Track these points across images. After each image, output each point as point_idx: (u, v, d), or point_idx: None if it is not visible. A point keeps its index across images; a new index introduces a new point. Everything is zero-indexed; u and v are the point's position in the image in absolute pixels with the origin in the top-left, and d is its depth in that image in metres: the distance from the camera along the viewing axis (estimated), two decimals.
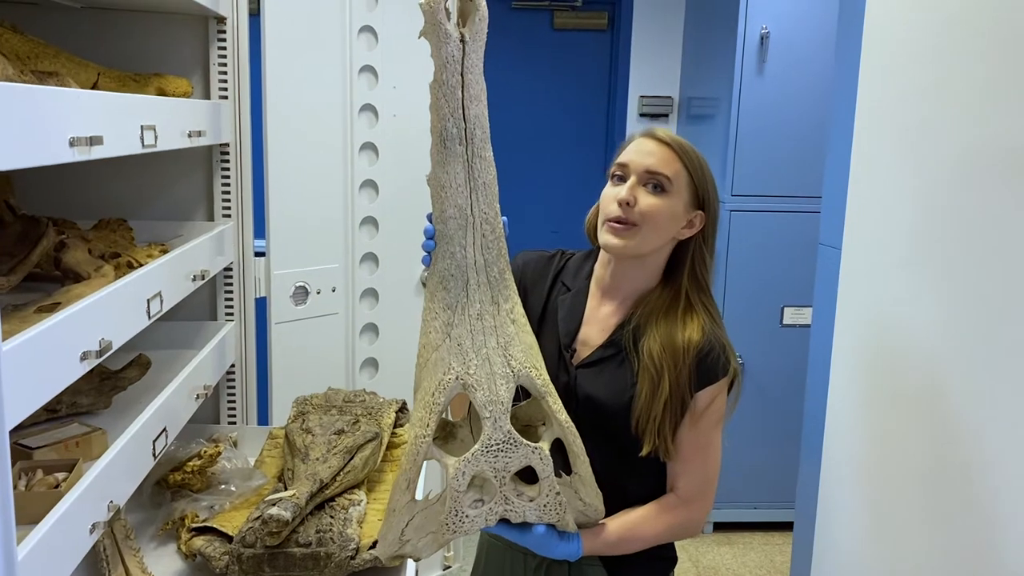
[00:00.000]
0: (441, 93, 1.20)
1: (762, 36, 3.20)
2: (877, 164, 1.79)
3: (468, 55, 1.19)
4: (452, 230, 1.25)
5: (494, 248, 1.28)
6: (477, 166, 1.24)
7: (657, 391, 1.39)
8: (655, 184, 1.41)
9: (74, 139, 1.09)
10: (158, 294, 1.46)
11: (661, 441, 1.39)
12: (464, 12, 1.19)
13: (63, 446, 1.42)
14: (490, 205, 1.27)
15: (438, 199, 1.25)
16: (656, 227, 1.42)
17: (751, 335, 3.41)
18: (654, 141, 1.44)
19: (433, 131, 1.23)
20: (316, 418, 1.81)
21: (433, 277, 1.29)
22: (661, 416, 1.39)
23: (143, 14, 1.89)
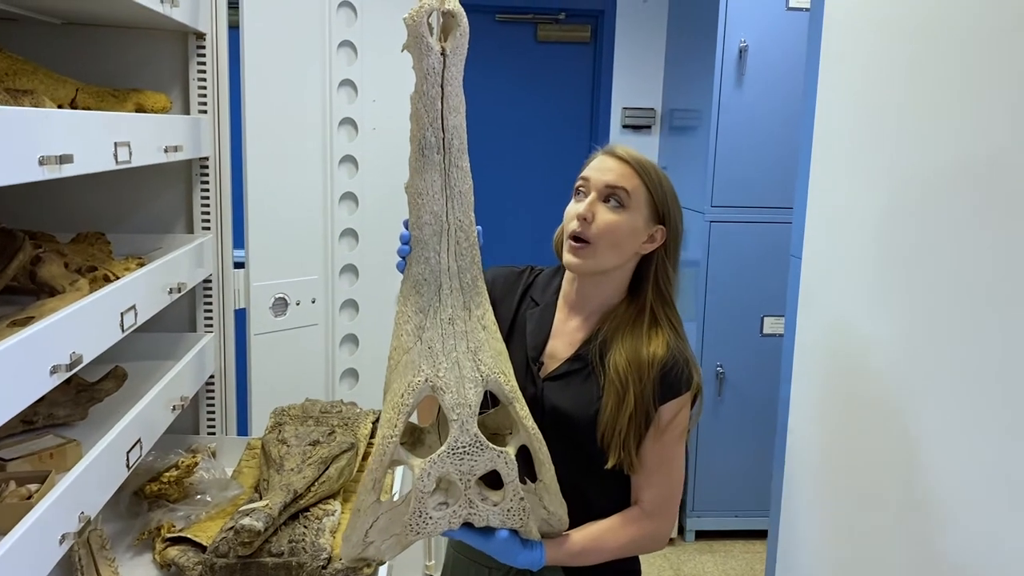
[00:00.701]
0: (421, 104, 1.24)
1: (741, 49, 3.24)
2: (834, 178, 1.83)
3: (448, 68, 1.23)
4: (427, 236, 1.29)
5: (468, 255, 1.32)
6: (454, 175, 1.28)
7: (622, 404, 1.42)
8: (615, 199, 1.45)
9: (44, 158, 1.11)
10: (132, 307, 1.48)
11: (626, 454, 1.42)
12: (446, 27, 1.24)
13: (37, 458, 1.44)
14: (465, 213, 1.31)
15: (415, 205, 1.29)
16: (614, 243, 1.45)
17: (731, 345, 3.44)
18: (613, 158, 1.47)
19: (412, 140, 1.26)
20: (292, 429, 1.83)
21: (407, 281, 1.32)
22: (626, 429, 1.41)
23: (123, 30, 1.92)
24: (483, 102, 4.12)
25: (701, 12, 3.48)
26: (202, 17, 1.92)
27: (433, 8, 1.20)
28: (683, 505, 3.60)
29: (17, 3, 1.65)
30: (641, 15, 4.09)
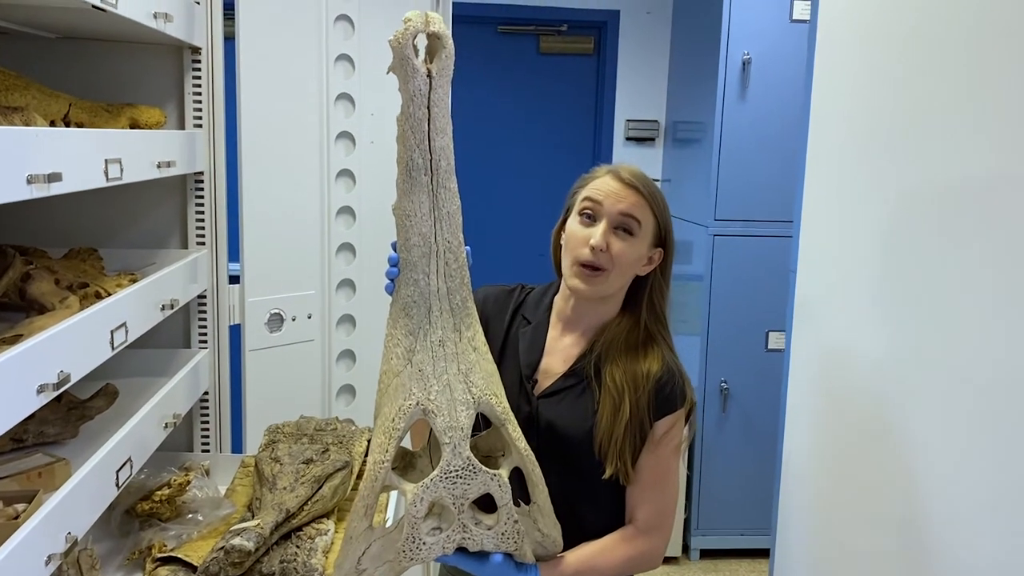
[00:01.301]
0: (408, 125, 1.23)
1: (744, 61, 3.22)
2: (827, 192, 1.83)
3: (435, 89, 1.23)
4: (416, 258, 1.28)
5: (457, 276, 1.31)
6: (442, 196, 1.27)
7: (618, 414, 1.42)
8: (625, 228, 1.45)
9: (32, 176, 1.10)
10: (123, 324, 1.47)
11: (622, 464, 1.42)
12: (432, 48, 1.24)
13: (25, 477, 1.42)
14: (453, 234, 1.30)
15: (403, 227, 1.28)
16: (623, 270, 1.47)
17: (736, 360, 3.41)
18: (622, 184, 1.46)
19: (399, 162, 1.26)
20: (285, 447, 1.81)
21: (396, 304, 1.31)
22: (622, 438, 1.41)
23: (118, 44, 1.91)
24: (485, 114, 4.12)
25: (704, 24, 3.47)
26: (197, 31, 1.91)
27: (418, 30, 1.20)
28: (687, 523, 3.56)
29: (11, 17, 1.64)
30: (644, 27, 4.08)
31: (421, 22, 1.19)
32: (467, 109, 4.05)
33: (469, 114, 4.06)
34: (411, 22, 1.19)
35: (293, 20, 2.14)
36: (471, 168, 4.08)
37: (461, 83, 4.65)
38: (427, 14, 1.20)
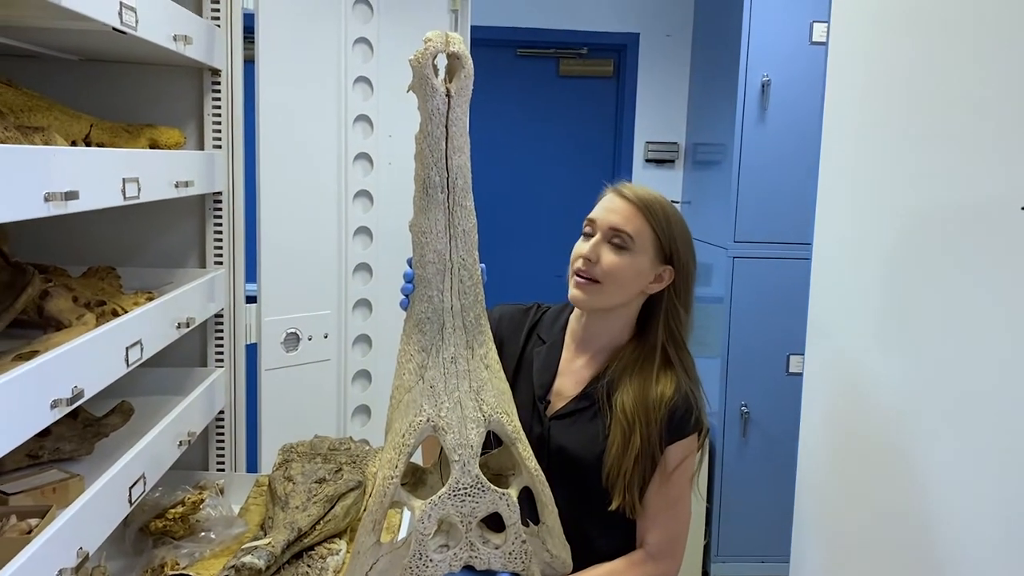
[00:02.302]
0: (426, 144, 1.24)
1: (763, 84, 3.22)
2: (840, 213, 1.82)
3: (453, 109, 1.24)
4: (431, 275, 1.29)
5: (471, 294, 1.32)
6: (458, 214, 1.28)
7: (628, 446, 1.41)
8: (618, 241, 1.45)
9: (49, 195, 1.12)
10: (138, 342, 1.48)
11: (630, 497, 1.41)
12: (451, 69, 1.25)
13: (40, 492, 1.43)
14: (469, 252, 1.31)
15: (419, 244, 1.29)
16: (618, 283, 1.46)
17: (756, 383, 3.38)
18: (620, 198, 1.48)
19: (417, 179, 1.27)
20: (299, 466, 1.82)
21: (410, 320, 1.32)
22: (631, 471, 1.40)
23: (139, 66, 1.94)
24: (506, 137, 4.14)
25: (724, 47, 3.47)
26: (217, 53, 1.93)
27: (438, 50, 1.21)
28: (707, 549, 3.51)
29: (35, 40, 1.67)
30: (664, 50, 4.09)
31: (441, 42, 1.21)
32: (488, 132, 4.08)
33: (490, 137, 4.09)
34: (431, 42, 1.20)
35: (312, 43, 2.17)
36: (491, 189, 4.12)
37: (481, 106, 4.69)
38: (447, 34, 1.21)
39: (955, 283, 1.40)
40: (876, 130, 1.67)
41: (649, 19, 4.08)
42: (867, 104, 1.72)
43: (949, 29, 1.44)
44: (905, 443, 1.52)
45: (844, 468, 1.78)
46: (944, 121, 1.45)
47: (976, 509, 1.34)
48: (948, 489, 1.41)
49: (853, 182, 1.76)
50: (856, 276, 1.73)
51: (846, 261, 1.78)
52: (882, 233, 1.63)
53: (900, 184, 1.58)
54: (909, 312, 1.53)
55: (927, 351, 1.47)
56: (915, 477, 1.49)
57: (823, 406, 1.88)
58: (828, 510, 1.84)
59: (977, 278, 1.34)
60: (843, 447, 1.78)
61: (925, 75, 1.51)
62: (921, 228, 1.50)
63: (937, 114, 1.47)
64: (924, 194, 1.49)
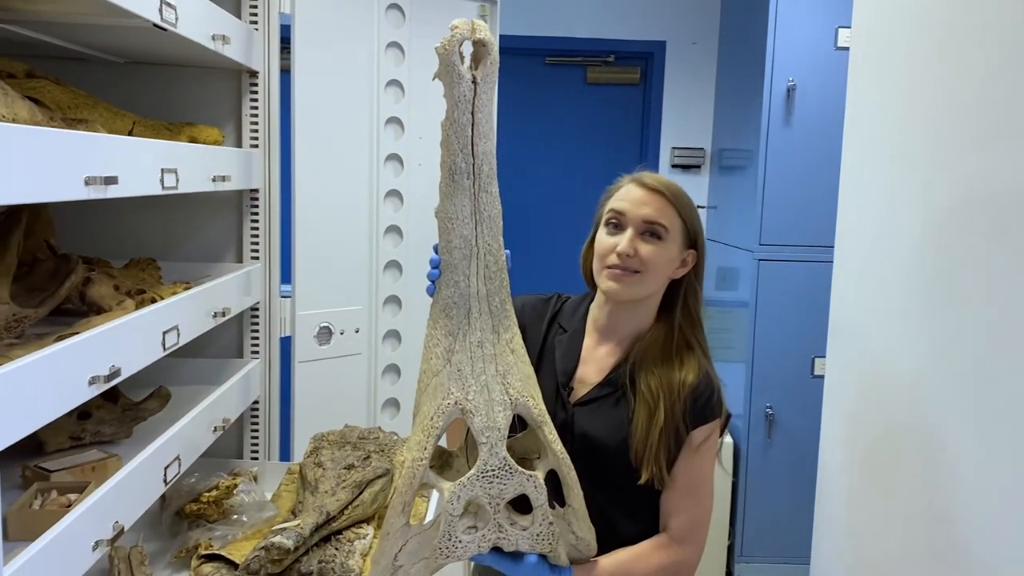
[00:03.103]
0: (452, 130, 1.25)
1: (789, 88, 3.24)
2: (860, 216, 1.82)
3: (479, 95, 1.24)
4: (457, 260, 1.30)
5: (496, 279, 1.32)
6: (483, 200, 1.29)
7: (653, 420, 1.43)
8: (652, 232, 1.47)
9: (89, 178, 1.18)
10: (175, 327, 1.54)
11: (657, 469, 1.42)
12: (477, 55, 1.26)
13: (80, 470, 1.50)
14: (494, 237, 1.31)
15: (445, 230, 1.30)
16: (655, 273, 1.48)
17: (781, 386, 3.38)
18: (645, 189, 1.49)
19: (443, 166, 1.28)
20: (329, 453, 1.87)
21: (436, 305, 1.33)
22: (657, 444, 1.42)
23: (181, 68, 2.02)
24: (533, 143, 4.19)
25: (749, 52, 3.50)
26: (255, 56, 2.01)
27: (464, 37, 1.22)
28: (731, 550, 3.51)
29: (83, 41, 1.75)
30: (690, 57, 4.13)
31: (467, 29, 1.22)
32: (517, 139, 4.14)
33: (519, 143, 4.14)
34: (457, 29, 1.21)
35: (346, 47, 2.23)
36: (521, 195, 4.17)
37: (511, 114, 4.76)
38: (473, 22, 1.22)
39: (978, 283, 1.39)
40: (896, 131, 1.68)
41: (675, 27, 4.13)
42: (888, 105, 1.73)
43: (969, 30, 1.44)
44: (928, 445, 1.52)
45: (865, 470, 1.77)
46: (964, 121, 1.45)
47: (1002, 512, 1.33)
48: (973, 491, 1.40)
49: (874, 183, 1.78)
50: (878, 277, 1.73)
51: (868, 262, 1.79)
52: (904, 234, 1.63)
53: (922, 184, 1.58)
54: (932, 313, 1.53)
55: (951, 351, 1.46)
56: (938, 479, 1.48)
57: (844, 407, 1.88)
58: (849, 511, 1.84)
59: (1001, 277, 1.34)
60: (864, 448, 1.78)
61: (945, 76, 1.51)
62: (944, 228, 1.50)
63: (958, 114, 1.47)
64: (946, 194, 1.50)
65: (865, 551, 1.76)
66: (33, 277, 1.56)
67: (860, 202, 1.84)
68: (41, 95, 1.55)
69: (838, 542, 1.88)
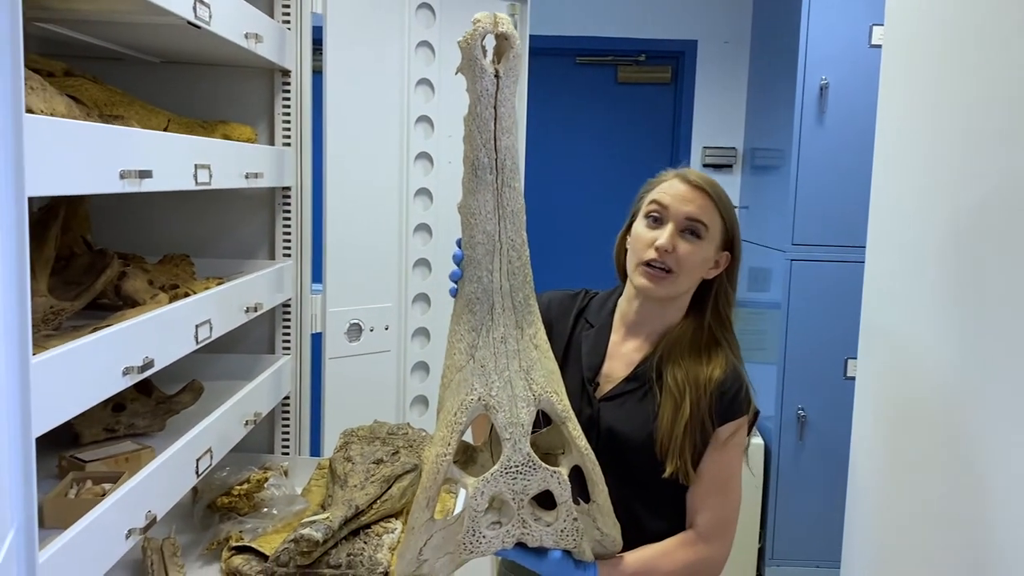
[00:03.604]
0: (475, 125, 1.25)
1: (822, 87, 3.21)
2: (893, 217, 1.80)
3: (502, 89, 1.24)
4: (480, 255, 1.29)
5: (520, 274, 1.32)
6: (506, 195, 1.28)
7: (679, 412, 1.43)
8: (692, 231, 1.46)
9: (124, 172, 1.20)
10: (207, 321, 1.56)
11: (682, 464, 1.42)
12: (499, 49, 1.24)
13: (114, 461, 1.53)
14: (517, 232, 1.31)
15: (468, 225, 1.29)
16: (689, 272, 1.48)
17: (814, 388, 3.34)
18: (689, 186, 1.48)
19: (465, 161, 1.27)
20: (358, 448, 1.88)
21: (460, 300, 1.33)
22: (682, 437, 1.42)
23: (215, 67, 2.05)
24: (564, 143, 4.19)
25: (782, 51, 3.48)
26: (288, 55, 2.03)
27: (487, 31, 1.21)
28: (761, 553, 3.48)
29: (119, 39, 1.79)
30: (722, 56, 4.11)
31: (490, 23, 1.21)
32: (548, 139, 4.14)
33: (550, 143, 4.15)
34: (480, 23, 1.20)
35: (377, 46, 2.25)
36: (551, 195, 4.17)
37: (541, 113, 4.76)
38: (495, 15, 1.21)
39: (1013, 282, 1.37)
40: (929, 128, 1.66)
41: (707, 26, 4.11)
42: (920, 102, 1.71)
43: (1001, 25, 1.42)
44: (963, 447, 1.49)
45: (897, 474, 1.75)
46: (998, 118, 1.43)
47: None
48: (1008, 497, 1.37)
49: (907, 181, 1.75)
50: (911, 277, 1.71)
51: (900, 262, 1.76)
52: (938, 232, 1.61)
53: (954, 182, 1.56)
54: (966, 313, 1.50)
55: (987, 353, 1.44)
56: (972, 484, 1.46)
57: (876, 410, 1.86)
58: (879, 516, 1.81)
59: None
60: (896, 452, 1.76)
61: (978, 72, 1.49)
62: (977, 226, 1.48)
63: (991, 110, 1.45)
64: (979, 192, 1.47)
65: (896, 556, 1.73)
66: (70, 271, 1.59)
67: (892, 201, 1.82)
68: (79, 93, 1.58)
69: (869, 547, 1.86)
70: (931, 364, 1.62)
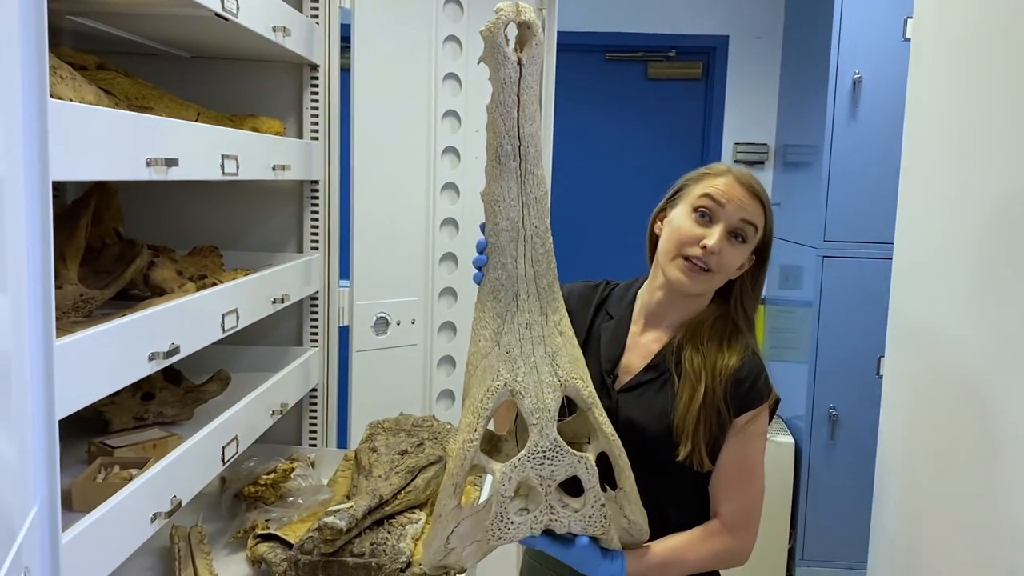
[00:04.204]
0: (498, 113, 1.25)
1: (855, 81, 3.17)
2: (922, 213, 1.78)
3: (524, 77, 1.24)
4: (504, 242, 1.29)
5: (544, 261, 1.32)
6: (529, 182, 1.29)
7: (694, 396, 1.42)
8: (741, 235, 1.46)
9: (151, 159, 1.21)
10: (234, 310, 1.58)
11: (695, 448, 1.41)
12: (522, 38, 1.25)
13: (141, 447, 1.55)
14: (541, 219, 1.31)
15: (491, 212, 1.29)
16: (725, 274, 1.49)
17: (846, 386, 3.30)
18: (745, 189, 1.47)
19: (489, 149, 1.28)
20: (383, 439, 1.89)
21: (484, 287, 1.33)
22: (696, 421, 1.41)
23: (244, 62, 2.07)
24: (594, 140, 4.17)
25: (814, 45, 3.44)
26: (316, 50, 2.05)
27: (509, 19, 1.22)
28: (792, 553, 3.44)
29: (152, 35, 1.82)
30: (754, 51, 4.07)
31: (512, 12, 1.22)
32: (578, 135, 4.13)
33: (580, 140, 4.14)
34: (502, 12, 1.21)
35: (405, 40, 2.26)
36: (581, 193, 4.16)
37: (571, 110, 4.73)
38: (518, 4, 1.22)
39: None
40: (959, 121, 1.64)
41: (738, 21, 4.07)
42: (949, 95, 1.68)
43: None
44: (993, 448, 1.46)
45: (925, 475, 1.72)
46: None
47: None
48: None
49: (935, 177, 1.73)
50: (940, 274, 1.68)
51: (929, 258, 1.74)
52: (967, 228, 1.59)
53: (983, 177, 1.53)
54: (996, 311, 1.47)
55: (1019, 347, 1.41)
56: (1003, 486, 1.43)
57: (904, 409, 1.83)
58: (906, 517, 1.79)
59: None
60: (924, 452, 1.73)
61: (1010, 64, 1.46)
62: (1008, 222, 1.45)
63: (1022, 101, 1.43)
64: (1009, 187, 1.45)
65: (922, 560, 1.70)
66: (101, 261, 1.62)
67: (920, 193, 1.80)
68: (110, 86, 1.60)
69: (894, 549, 1.83)
70: (961, 364, 1.59)
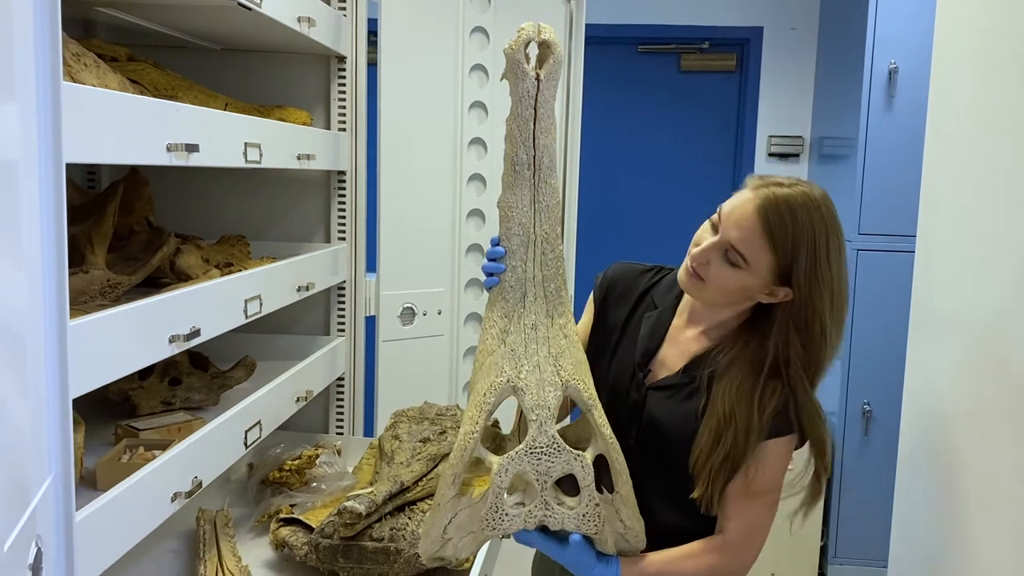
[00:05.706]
0: (515, 124, 1.32)
1: (890, 71, 3.11)
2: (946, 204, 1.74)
3: (542, 91, 1.31)
4: (515, 246, 1.36)
5: (552, 266, 1.38)
6: (542, 191, 1.35)
7: (719, 443, 1.37)
8: (732, 259, 1.39)
9: (171, 145, 1.24)
10: (257, 296, 1.60)
11: (711, 491, 1.37)
12: (542, 56, 1.32)
13: (167, 430, 1.58)
14: (552, 226, 1.37)
15: (505, 218, 1.37)
16: (721, 292, 1.42)
17: (879, 381, 3.24)
18: (757, 218, 1.36)
19: (506, 158, 1.35)
20: (406, 427, 1.90)
21: (495, 289, 1.39)
22: (717, 468, 1.37)
23: (273, 54, 2.10)
24: (627, 133, 4.16)
25: (850, 35, 3.39)
26: (343, 42, 2.07)
27: (531, 38, 1.28)
28: (824, 551, 3.40)
29: (179, 27, 1.85)
30: (789, 43, 4.02)
31: (533, 31, 1.28)
32: (610, 128, 4.12)
33: (613, 133, 4.12)
34: (524, 31, 1.28)
35: (432, 32, 2.28)
36: (613, 187, 4.15)
37: (603, 103, 4.71)
38: (539, 25, 1.29)
39: None
40: (984, 111, 1.60)
41: (773, 12, 4.03)
42: (974, 79, 1.65)
43: None
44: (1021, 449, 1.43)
45: (946, 477, 1.69)
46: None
47: None
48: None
49: (959, 170, 1.69)
50: (963, 268, 1.65)
51: (953, 252, 1.70)
52: (991, 214, 1.55)
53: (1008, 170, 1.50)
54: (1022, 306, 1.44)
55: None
56: None
57: (926, 406, 1.80)
58: (929, 513, 1.75)
59: None
60: (947, 449, 1.69)
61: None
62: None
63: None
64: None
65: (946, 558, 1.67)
66: (129, 248, 1.65)
67: (946, 188, 1.76)
68: (140, 77, 1.64)
69: (916, 548, 1.79)
70: (986, 361, 1.55)
